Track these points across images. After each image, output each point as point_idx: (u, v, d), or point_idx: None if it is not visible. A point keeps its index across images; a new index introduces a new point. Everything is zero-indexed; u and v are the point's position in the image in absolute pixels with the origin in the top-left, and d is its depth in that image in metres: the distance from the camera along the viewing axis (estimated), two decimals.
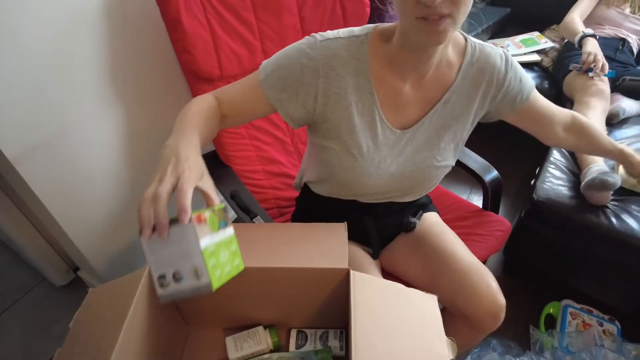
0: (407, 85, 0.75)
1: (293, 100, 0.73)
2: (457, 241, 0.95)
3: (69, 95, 0.96)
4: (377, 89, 0.73)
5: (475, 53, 0.76)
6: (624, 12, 1.72)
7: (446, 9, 0.57)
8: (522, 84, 0.80)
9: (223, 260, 0.56)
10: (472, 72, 0.76)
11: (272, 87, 0.72)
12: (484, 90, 0.78)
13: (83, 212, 1.11)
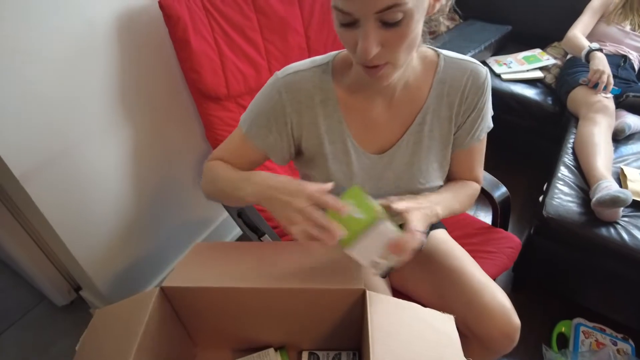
0: (377, 109, 0.73)
1: (279, 141, 0.74)
2: (467, 259, 0.93)
3: (77, 114, 0.97)
4: (346, 116, 0.73)
5: (449, 69, 0.73)
6: (625, 29, 1.74)
7: (383, 59, 0.57)
8: (489, 117, 0.79)
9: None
10: (445, 90, 0.73)
11: (257, 137, 0.74)
12: (457, 107, 0.75)
13: (88, 230, 1.10)
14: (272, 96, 0.71)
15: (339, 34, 0.59)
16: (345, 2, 0.53)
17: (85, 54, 0.93)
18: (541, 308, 1.44)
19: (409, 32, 0.56)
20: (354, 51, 0.58)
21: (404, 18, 0.54)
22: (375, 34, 0.54)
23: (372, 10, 0.52)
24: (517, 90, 1.86)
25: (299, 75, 0.71)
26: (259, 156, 0.77)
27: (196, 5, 1.00)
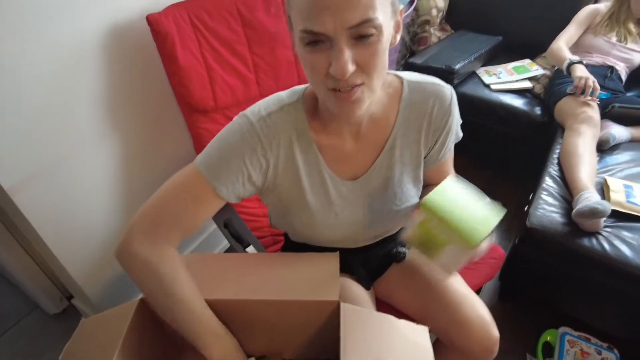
0: (346, 140, 0.74)
1: (247, 186, 0.71)
2: None
3: (66, 127, 0.99)
4: (320, 148, 0.73)
5: (414, 95, 0.74)
6: (611, 41, 1.77)
7: (358, 79, 0.56)
8: (457, 130, 0.81)
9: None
10: (412, 114, 0.74)
11: (227, 186, 0.69)
12: (425, 131, 0.76)
13: (77, 241, 1.12)
14: (247, 140, 0.68)
15: (307, 63, 0.57)
16: (317, 23, 0.51)
17: (75, 68, 0.96)
18: (528, 317, 1.45)
19: (380, 50, 0.56)
20: (326, 75, 0.56)
21: (376, 34, 0.54)
22: (349, 52, 0.53)
23: (346, 25, 0.51)
24: (507, 101, 1.89)
25: (274, 117, 0.69)
26: (215, 206, 0.72)
27: (184, 21, 1.02)
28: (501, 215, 0.61)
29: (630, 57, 1.77)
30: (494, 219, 0.61)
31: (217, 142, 0.70)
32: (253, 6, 1.11)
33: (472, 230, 0.60)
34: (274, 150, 0.70)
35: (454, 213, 0.62)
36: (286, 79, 1.23)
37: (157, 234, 0.68)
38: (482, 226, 0.61)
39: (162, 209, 0.69)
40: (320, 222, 0.79)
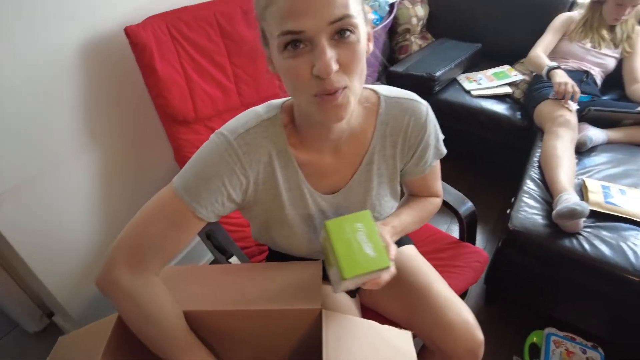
0: (326, 156, 0.74)
1: (226, 204, 0.70)
2: (435, 275, 0.95)
3: (45, 140, 0.98)
4: (299, 164, 0.73)
5: (390, 110, 0.75)
6: (585, 47, 1.81)
7: (342, 82, 0.56)
8: (438, 146, 0.82)
9: None
10: (388, 130, 0.75)
11: (206, 207, 0.67)
12: (401, 146, 0.78)
13: (57, 256, 1.10)
14: (225, 159, 0.67)
15: (289, 70, 0.56)
16: (298, 22, 0.52)
17: (52, 81, 0.95)
18: (514, 319, 1.46)
19: (360, 51, 0.56)
20: (310, 79, 0.56)
21: (354, 34, 0.55)
22: (331, 51, 0.53)
23: (327, 20, 0.52)
24: (487, 106, 1.92)
25: (252, 133, 0.68)
26: (196, 228, 0.70)
27: (162, 32, 1.02)
28: (382, 267, 0.63)
29: (604, 62, 1.81)
30: (373, 265, 0.63)
31: (195, 162, 0.69)
32: (232, 17, 1.11)
33: (349, 264, 0.62)
34: (253, 167, 0.70)
35: (346, 242, 0.64)
36: (268, 89, 1.24)
37: (138, 263, 0.67)
38: (359, 265, 0.62)
39: (142, 237, 0.67)
40: (300, 235, 0.80)
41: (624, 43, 1.79)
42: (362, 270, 0.63)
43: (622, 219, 1.24)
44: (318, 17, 0.52)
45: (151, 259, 0.68)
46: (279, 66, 0.59)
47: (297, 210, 0.77)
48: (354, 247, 0.64)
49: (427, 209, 0.90)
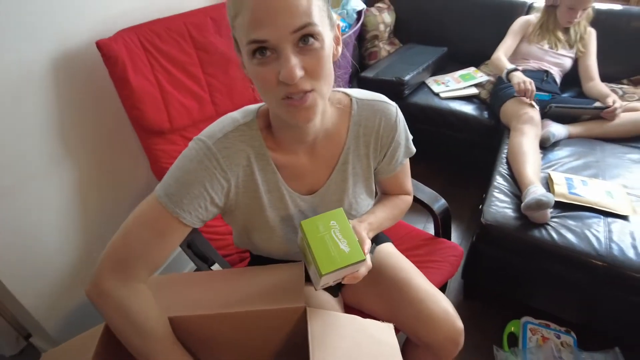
0: (301, 157, 0.77)
1: (209, 208, 0.72)
2: (413, 270, 0.98)
3: (15, 156, 0.96)
4: (277, 165, 0.76)
5: (362, 112, 0.78)
6: (544, 48, 1.91)
7: (308, 85, 0.58)
8: (407, 145, 0.86)
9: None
10: (361, 131, 0.79)
11: (189, 212, 0.69)
12: (373, 145, 0.81)
13: (33, 273, 1.08)
14: (205, 164, 0.69)
15: (258, 76, 0.59)
16: (261, 30, 0.54)
17: (22, 96, 0.94)
18: (492, 311, 1.51)
19: (324, 57, 0.59)
20: (277, 84, 0.58)
21: (318, 40, 0.58)
22: (295, 58, 0.56)
23: (289, 29, 0.54)
24: (456, 107, 1.99)
25: (230, 138, 0.70)
26: (181, 235, 0.72)
27: (134, 45, 1.03)
28: (357, 260, 0.67)
29: (562, 62, 1.92)
30: (349, 259, 0.66)
31: (175, 170, 0.70)
32: (204, 28, 1.13)
33: (325, 261, 0.66)
34: (233, 170, 0.72)
35: (321, 240, 0.68)
36: (242, 97, 1.26)
37: (125, 273, 0.68)
38: (335, 261, 0.66)
39: (128, 246, 0.68)
40: (280, 237, 0.82)
41: (578, 43, 1.90)
42: (338, 265, 0.66)
43: (585, 208, 1.31)
44: (280, 26, 0.54)
45: (138, 267, 0.69)
46: (249, 72, 0.61)
47: (277, 211, 0.79)
48: (329, 244, 0.67)
49: (399, 206, 0.95)
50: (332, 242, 0.68)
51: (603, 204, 1.31)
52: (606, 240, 1.21)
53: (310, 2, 0.56)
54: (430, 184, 1.24)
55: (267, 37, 0.55)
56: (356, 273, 0.71)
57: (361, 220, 0.84)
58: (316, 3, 0.57)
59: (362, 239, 0.73)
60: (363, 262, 0.68)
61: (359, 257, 0.67)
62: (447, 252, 1.19)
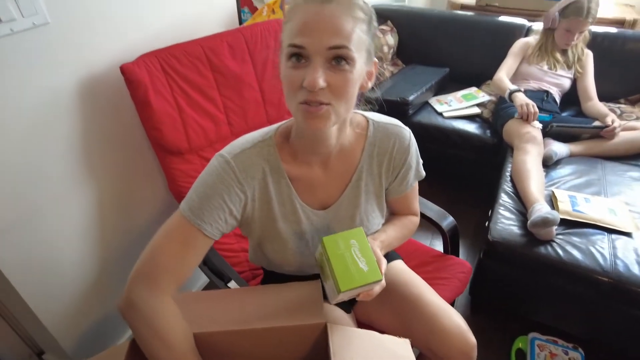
0: (315, 170, 0.82)
1: (229, 220, 0.76)
2: (424, 286, 1.01)
3: (41, 179, 0.99)
4: (292, 179, 0.80)
5: (378, 133, 0.83)
6: (543, 69, 1.98)
7: (326, 98, 0.64)
8: (418, 168, 0.90)
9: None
10: (375, 151, 0.84)
11: (210, 224, 0.73)
12: (386, 166, 0.86)
13: (53, 291, 1.10)
14: (223, 177, 0.74)
15: (286, 78, 0.65)
16: (303, 38, 0.61)
17: (49, 120, 0.97)
18: (500, 328, 1.52)
19: (350, 80, 0.65)
20: (299, 88, 0.63)
21: (348, 64, 0.64)
22: (322, 71, 0.62)
23: (326, 45, 0.61)
24: (459, 126, 2.04)
25: (247, 153, 0.76)
26: (204, 247, 0.75)
27: (155, 69, 1.07)
28: (375, 280, 0.70)
29: (561, 82, 1.98)
30: (366, 278, 0.70)
31: (197, 185, 0.76)
32: (220, 53, 1.18)
33: (344, 278, 0.69)
34: (249, 183, 0.76)
35: (341, 257, 0.71)
36: (255, 117, 1.30)
37: (153, 285, 0.71)
38: (353, 279, 0.69)
39: (155, 259, 0.72)
40: (292, 249, 0.85)
41: (575, 65, 1.96)
42: (357, 283, 0.69)
43: (589, 225, 1.35)
44: (320, 40, 0.61)
45: (165, 279, 0.72)
46: (282, 73, 0.68)
47: (290, 224, 0.83)
48: (348, 262, 0.70)
49: (408, 226, 0.99)
50: (351, 260, 0.71)
51: (607, 221, 1.34)
52: (611, 256, 1.24)
53: (353, 31, 0.63)
54: (436, 201, 1.27)
55: (306, 45, 0.62)
56: (371, 291, 0.74)
57: (374, 238, 0.87)
58: (358, 33, 0.64)
59: (379, 258, 0.76)
60: (379, 281, 0.71)
61: (376, 277, 0.70)
62: (455, 269, 1.21)
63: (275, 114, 1.35)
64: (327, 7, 0.62)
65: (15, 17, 0.85)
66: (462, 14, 2.47)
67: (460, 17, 2.40)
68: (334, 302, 0.74)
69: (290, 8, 0.66)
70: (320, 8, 0.62)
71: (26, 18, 0.87)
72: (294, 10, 0.65)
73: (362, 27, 0.65)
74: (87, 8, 0.98)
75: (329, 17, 0.62)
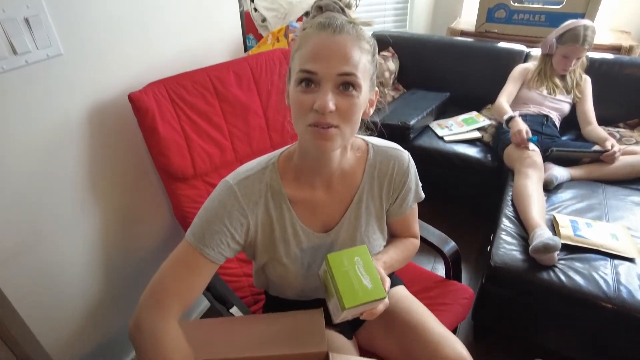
0: (318, 191, 0.84)
1: (231, 245, 0.78)
2: (426, 313, 1.01)
3: (47, 204, 1.01)
4: (293, 202, 0.82)
5: (377, 156, 0.86)
6: (543, 94, 2.01)
7: (335, 121, 0.67)
8: (417, 190, 0.93)
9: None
10: (375, 173, 0.86)
11: (212, 248, 0.75)
12: (387, 188, 0.88)
13: (55, 314, 1.10)
14: (225, 203, 0.76)
15: (296, 101, 0.68)
16: (315, 64, 0.65)
17: (58, 147, 1.00)
18: (503, 353, 1.51)
19: (357, 105, 0.69)
20: (309, 111, 0.67)
21: (356, 90, 0.68)
22: (332, 95, 0.66)
23: (336, 71, 0.65)
24: (460, 150, 2.06)
25: (251, 179, 0.79)
26: (208, 271, 0.77)
27: (163, 97, 1.11)
28: (379, 297, 0.71)
29: (560, 107, 2.01)
30: (371, 296, 0.71)
31: (201, 210, 0.79)
32: (226, 81, 1.21)
33: (349, 295, 0.70)
34: (251, 208, 0.78)
35: (345, 274, 0.72)
36: (259, 143, 1.33)
37: (160, 308, 0.73)
38: (357, 296, 0.70)
39: (162, 284, 0.75)
40: (293, 273, 0.86)
41: (574, 90, 2.00)
42: (361, 300, 0.70)
43: (591, 250, 1.34)
44: (331, 66, 0.65)
45: (171, 303, 0.74)
46: (291, 97, 0.71)
47: (291, 247, 0.84)
48: (352, 279, 0.71)
49: (409, 248, 1.00)
50: (355, 277, 0.72)
51: (609, 246, 1.34)
52: (614, 282, 1.24)
53: (360, 60, 0.67)
54: (437, 224, 1.28)
55: (317, 70, 0.66)
56: (374, 309, 0.75)
57: (376, 259, 0.89)
58: (364, 63, 0.68)
59: (382, 276, 0.77)
60: (383, 299, 0.72)
61: (380, 295, 0.71)
62: (458, 295, 1.21)
63: (279, 139, 1.37)
64: (338, 37, 0.66)
65: (30, 49, 0.89)
66: (461, 40, 2.52)
67: (460, 43, 2.46)
68: (338, 320, 0.75)
69: (302, 36, 0.70)
70: (332, 37, 0.66)
71: (40, 50, 0.91)
72: (305, 39, 0.69)
73: (367, 57, 0.70)
74: (98, 39, 1.02)
75: (339, 46, 0.66)
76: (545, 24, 2.48)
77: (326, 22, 0.68)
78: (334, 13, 0.72)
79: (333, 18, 0.69)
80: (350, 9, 0.75)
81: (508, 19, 2.58)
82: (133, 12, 1.08)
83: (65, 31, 0.95)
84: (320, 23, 0.68)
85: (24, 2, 0.86)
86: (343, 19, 0.69)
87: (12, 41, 0.85)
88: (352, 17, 0.72)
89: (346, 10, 0.73)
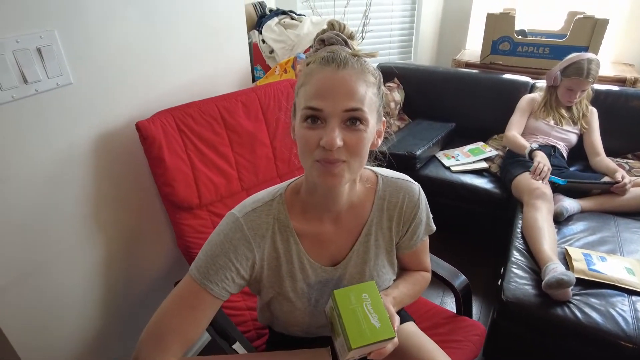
0: (326, 225, 0.81)
1: (236, 280, 0.76)
2: (438, 351, 0.96)
3: (49, 234, 1.00)
4: (300, 236, 0.80)
5: (387, 188, 0.84)
6: (550, 124, 2.01)
7: (343, 156, 0.66)
8: (428, 222, 0.90)
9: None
10: (385, 205, 0.84)
11: (217, 284, 0.73)
12: (396, 220, 0.85)
13: (52, 343, 1.07)
14: (231, 236, 0.74)
15: (303, 138, 0.67)
16: (320, 101, 0.64)
17: (62, 175, 0.99)
18: None
19: (364, 139, 0.67)
20: (316, 147, 0.65)
21: (363, 124, 0.66)
22: (339, 131, 0.64)
23: (342, 107, 0.64)
24: (467, 180, 2.05)
25: (257, 212, 0.77)
26: (212, 308, 0.75)
27: (170, 126, 1.11)
28: (388, 337, 0.68)
29: (568, 137, 2.00)
30: (379, 335, 0.67)
31: (206, 244, 0.76)
32: (234, 112, 1.22)
33: (356, 334, 0.66)
34: (258, 241, 0.76)
35: (352, 312, 0.69)
36: (266, 173, 1.32)
37: (160, 346, 0.71)
38: (365, 336, 0.67)
39: (163, 321, 0.73)
40: (300, 309, 0.83)
41: (581, 121, 2.00)
42: (369, 340, 0.66)
43: (606, 285, 1.30)
44: (336, 103, 0.64)
45: (172, 341, 0.71)
46: (297, 133, 0.69)
47: (298, 282, 0.81)
48: (360, 318, 0.68)
49: (420, 282, 0.97)
50: (363, 315, 0.68)
51: (625, 281, 1.30)
52: (633, 320, 1.19)
53: (365, 94, 0.66)
54: (444, 256, 1.25)
55: (323, 107, 0.64)
56: (383, 349, 0.71)
57: (386, 294, 0.85)
58: (370, 96, 0.67)
59: (391, 314, 0.74)
60: (392, 339, 0.69)
61: (389, 334, 0.68)
62: (469, 331, 1.16)
63: (286, 169, 1.37)
64: (342, 72, 0.65)
65: (40, 78, 0.90)
66: (466, 71, 2.55)
67: (465, 75, 2.48)
68: (344, 359, 0.71)
69: (306, 73, 0.69)
70: (336, 73, 0.65)
71: (51, 79, 0.92)
72: (309, 75, 0.68)
73: (373, 90, 0.69)
74: (108, 68, 1.03)
75: (344, 81, 0.65)
76: (550, 56, 2.51)
77: (330, 56, 0.67)
78: (337, 46, 0.71)
79: (337, 52, 0.68)
80: (353, 40, 0.74)
81: (512, 51, 2.62)
82: (143, 42, 1.10)
83: (76, 60, 0.96)
84: (324, 58, 0.67)
85: (37, 33, 0.87)
86: (347, 52, 0.68)
87: (23, 70, 0.86)
88: (356, 49, 0.71)
89: (349, 42, 0.72)
